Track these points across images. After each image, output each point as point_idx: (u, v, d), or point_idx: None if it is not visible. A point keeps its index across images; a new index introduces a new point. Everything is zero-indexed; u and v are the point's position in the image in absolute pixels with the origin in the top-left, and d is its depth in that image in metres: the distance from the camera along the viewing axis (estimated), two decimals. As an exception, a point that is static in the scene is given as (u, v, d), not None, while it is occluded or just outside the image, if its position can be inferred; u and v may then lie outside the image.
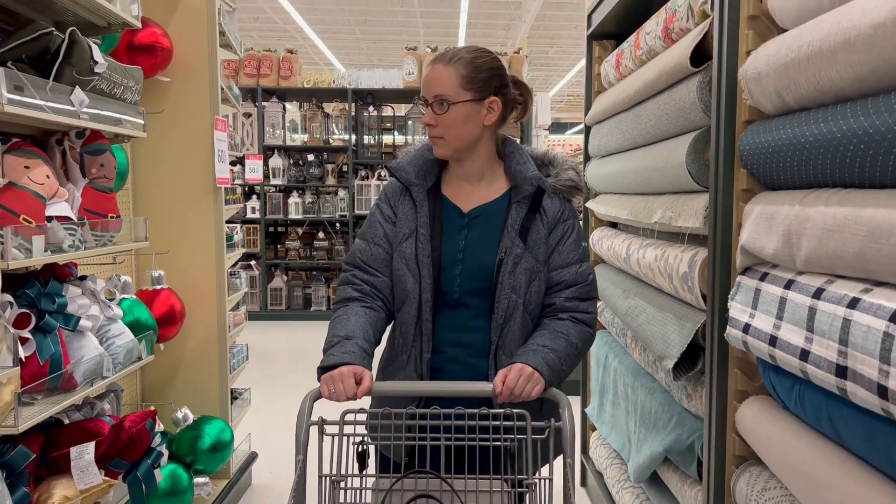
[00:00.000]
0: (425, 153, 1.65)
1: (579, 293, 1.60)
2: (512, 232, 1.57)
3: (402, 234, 1.61)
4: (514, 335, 1.57)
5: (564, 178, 1.63)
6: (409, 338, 1.60)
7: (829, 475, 1.20)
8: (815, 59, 1.20)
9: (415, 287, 1.57)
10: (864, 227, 1.09)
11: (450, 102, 1.53)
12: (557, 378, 1.49)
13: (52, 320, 1.72)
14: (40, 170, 1.70)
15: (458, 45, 1.55)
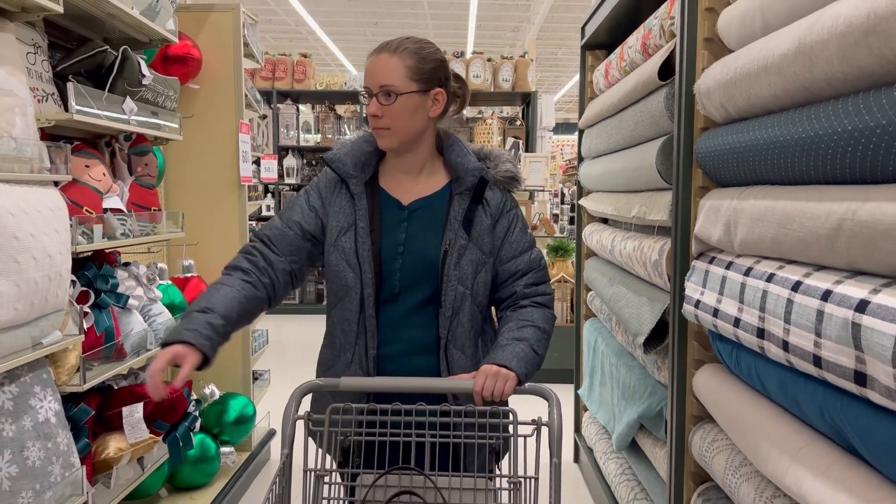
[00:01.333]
0: (363, 145, 1.61)
1: (535, 278, 1.62)
2: (455, 224, 1.55)
3: (339, 228, 1.56)
4: (464, 327, 1.56)
5: (503, 170, 1.63)
6: (352, 335, 1.56)
7: (754, 419, 1.46)
8: (746, 79, 1.46)
9: (356, 282, 1.53)
10: (777, 216, 1.35)
11: (397, 93, 1.49)
12: (532, 367, 1.48)
13: (107, 298, 2.00)
14: (98, 168, 1.98)
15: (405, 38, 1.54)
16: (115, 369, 2.01)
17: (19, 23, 1.78)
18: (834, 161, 1.17)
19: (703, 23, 1.80)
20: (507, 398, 1.41)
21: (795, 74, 1.27)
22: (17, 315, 1.53)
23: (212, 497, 2.79)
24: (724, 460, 1.65)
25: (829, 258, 1.20)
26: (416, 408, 1.35)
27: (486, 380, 1.40)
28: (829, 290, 1.15)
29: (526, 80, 7.21)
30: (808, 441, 1.29)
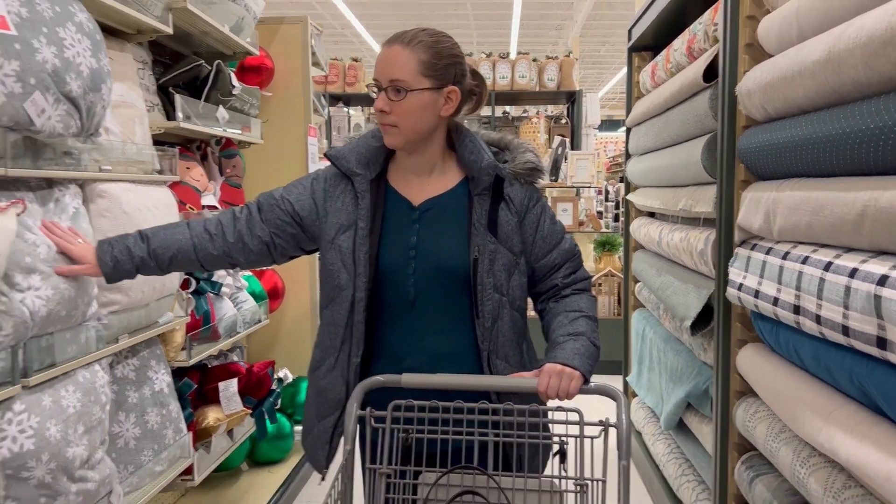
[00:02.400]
0: (370, 141, 1.52)
1: (573, 267, 1.58)
2: (480, 228, 1.46)
3: (338, 226, 1.47)
4: (506, 336, 1.49)
5: (522, 162, 1.52)
6: (337, 340, 1.47)
7: (791, 389, 1.63)
8: (783, 82, 1.63)
9: (349, 284, 1.45)
10: (811, 205, 1.51)
11: (407, 89, 1.39)
12: (594, 361, 1.44)
13: (205, 285, 2.25)
14: (197, 170, 2.24)
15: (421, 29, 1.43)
16: (213, 348, 2.26)
17: (133, 43, 2.03)
18: (860, 155, 1.34)
19: (744, 29, 1.96)
20: (573, 398, 1.37)
21: (826, 79, 1.43)
22: (143, 297, 1.78)
23: (288, 470, 3.04)
24: (765, 428, 1.81)
25: (855, 241, 1.36)
26: (479, 406, 1.32)
27: (550, 379, 1.36)
28: (855, 269, 1.31)
29: (571, 78, 7.35)
30: (839, 404, 1.45)
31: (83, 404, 1.52)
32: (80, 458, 1.48)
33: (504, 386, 1.41)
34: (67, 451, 1.43)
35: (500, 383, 1.41)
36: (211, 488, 2.88)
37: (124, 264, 1.46)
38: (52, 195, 1.50)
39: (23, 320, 1.34)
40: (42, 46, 1.38)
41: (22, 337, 1.35)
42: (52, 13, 1.44)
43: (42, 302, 1.38)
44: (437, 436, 1.33)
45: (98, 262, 1.45)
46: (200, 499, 2.79)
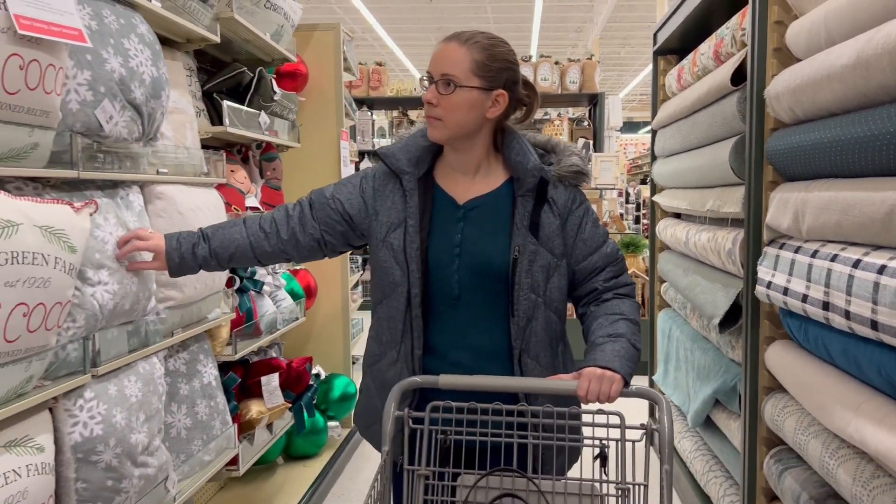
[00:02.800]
0: (418, 139, 1.55)
1: (614, 272, 1.58)
2: (522, 228, 1.49)
3: (389, 224, 1.52)
4: (538, 336, 1.51)
5: (567, 165, 1.55)
6: (398, 333, 1.52)
7: (820, 383, 1.68)
8: (812, 86, 1.68)
9: (403, 280, 1.49)
10: (840, 204, 1.56)
11: (457, 84, 1.42)
12: (634, 364, 1.44)
13: (248, 283, 2.34)
14: (240, 173, 2.33)
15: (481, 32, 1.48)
16: (255, 344, 2.35)
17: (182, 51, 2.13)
18: (888, 156, 1.39)
19: (772, 34, 2.01)
20: (614, 401, 1.36)
21: (855, 83, 1.49)
22: (196, 293, 1.87)
23: (322, 465, 3.13)
24: (794, 422, 1.86)
25: (884, 238, 1.41)
26: (517, 408, 1.32)
27: (590, 383, 1.36)
28: (884, 265, 1.36)
29: (593, 81, 7.40)
30: (867, 397, 1.50)
31: (143, 394, 1.61)
32: (141, 444, 1.57)
33: (543, 388, 1.40)
34: (131, 437, 1.52)
35: (539, 385, 1.40)
36: (249, 481, 2.97)
37: (188, 262, 1.54)
38: (117, 194, 1.59)
39: (93, 313, 1.43)
40: (110, 57, 1.47)
41: (92, 329, 1.45)
42: (118, 25, 1.53)
43: (110, 296, 1.47)
44: (475, 437, 1.33)
45: (166, 259, 1.53)
46: (239, 491, 2.89)
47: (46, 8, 1.21)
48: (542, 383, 1.40)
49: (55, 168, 1.36)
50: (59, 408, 1.40)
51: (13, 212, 1.16)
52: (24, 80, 1.19)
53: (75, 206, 1.32)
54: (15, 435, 1.26)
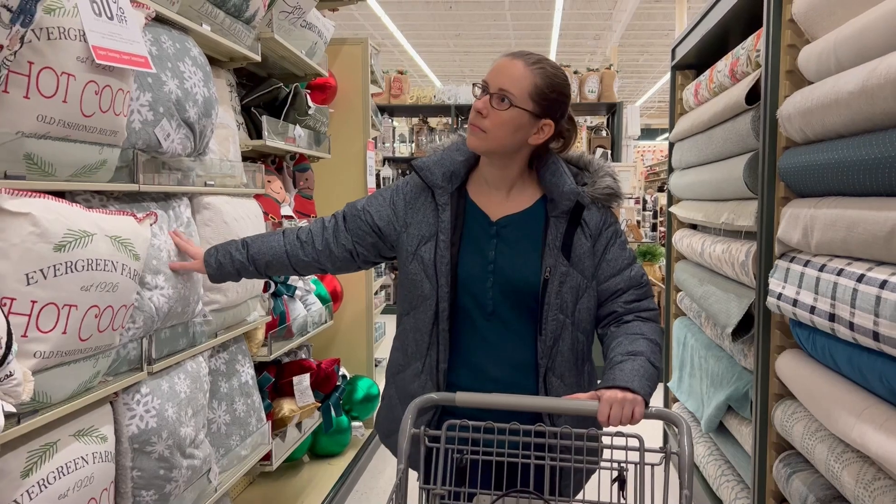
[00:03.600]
0: (454, 154, 1.57)
1: (637, 296, 1.57)
2: (554, 249, 1.50)
3: (419, 237, 1.54)
4: (564, 356, 1.52)
5: (602, 186, 1.56)
6: (424, 346, 1.53)
7: (827, 390, 1.77)
8: (821, 109, 1.78)
9: (432, 294, 1.51)
10: (846, 222, 1.66)
11: (512, 103, 1.44)
12: (653, 383, 1.43)
13: (281, 288, 2.47)
14: (276, 183, 2.46)
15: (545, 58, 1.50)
16: (288, 346, 2.47)
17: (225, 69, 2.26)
18: (891, 178, 1.49)
19: (784, 57, 2.11)
20: (638, 423, 1.36)
21: (860, 108, 1.59)
22: (237, 297, 1.99)
23: (346, 463, 3.25)
24: (802, 428, 1.95)
25: (886, 255, 1.51)
26: (535, 428, 1.31)
27: (611, 408, 1.34)
28: (885, 280, 1.46)
29: (611, 90, 7.49)
30: (870, 403, 1.59)
31: (191, 391, 1.73)
32: (189, 437, 1.69)
33: (562, 408, 1.39)
34: (181, 430, 1.65)
35: (558, 405, 1.39)
36: (277, 478, 3.10)
37: (226, 266, 1.62)
38: (170, 205, 1.72)
39: (150, 315, 1.55)
40: (168, 79, 1.60)
41: (149, 330, 1.57)
42: (174, 49, 1.66)
43: (164, 300, 1.60)
44: (492, 457, 1.32)
45: (204, 264, 1.64)
46: (269, 487, 3.01)
47: (118, 38, 1.34)
48: (562, 403, 1.39)
49: (119, 182, 1.49)
50: (119, 402, 1.52)
51: (88, 223, 1.28)
52: (98, 104, 1.32)
53: (138, 218, 1.45)
54: (83, 425, 1.39)
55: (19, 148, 1.18)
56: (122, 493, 1.52)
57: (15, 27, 1.06)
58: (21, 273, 1.16)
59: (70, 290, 1.23)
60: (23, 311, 1.17)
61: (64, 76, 1.23)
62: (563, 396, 1.44)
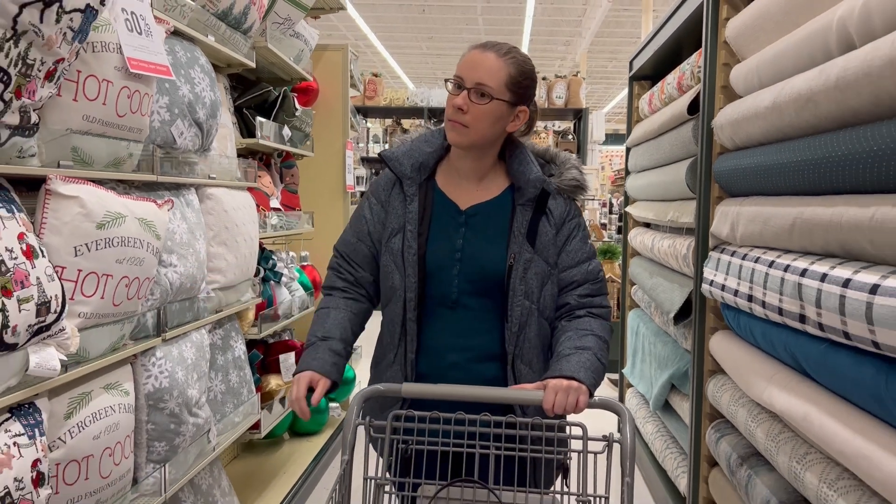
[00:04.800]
0: (422, 145, 1.58)
1: (591, 290, 1.59)
2: (519, 236, 1.52)
3: (391, 229, 1.55)
4: (531, 342, 1.54)
5: (568, 178, 1.59)
6: (395, 337, 1.55)
7: (746, 361, 2.07)
8: (745, 120, 2.07)
9: (401, 285, 1.52)
10: (762, 217, 1.95)
11: (492, 96, 1.46)
12: (598, 376, 1.45)
13: (269, 274, 2.70)
14: (266, 178, 2.69)
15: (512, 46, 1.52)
16: (274, 327, 2.71)
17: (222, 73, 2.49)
18: (794, 180, 1.78)
19: (720, 74, 2.41)
20: (581, 412, 1.38)
21: (773, 121, 1.88)
22: (234, 278, 2.23)
23: (323, 441, 3.49)
24: (728, 396, 2.25)
25: (789, 244, 1.80)
26: (481, 418, 1.32)
27: (556, 395, 1.36)
28: (788, 265, 1.75)
29: (578, 97, 7.82)
30: (778, 370, 1.89)
31: (196, 358, 1.97)
32: (194, 398, 1.92)
33: (507, 398, 1.40)
34: (188, 391, 1.88)
35: (503, 395, 1.39)
36: (259, 453, 3.33)
37: (339, 363, 1.52)
38: (180, 194, 1.95)
39: (165, 289, 1.79)
40: (182, 84, 1.83)
41: (163, 302, 1.81)
42: (186, 58, 1.90)
43: (177, 276, 1.83)
44: (437, 447, 1.33)
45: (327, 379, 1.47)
46: (252, 461, 3.24)
47: (146, 50, 1.58)
48: (507, 393, 1.40)
49: (140, 173, 1.72)
50: (138, 363, 1.75)
51: (121, 207, 1.52)
52: (129, 106, 1.56)
53: (158, 203, 1.69)
54: (110, 380, 1.62)
55: (68, 142, 1.42)
56: (138, 443, 1.76)
57: (75, 43, 1.29)
58: (70, 246, 1.39)
59: (107, 262, 1.47)
60: (71, 277, 1.40)
61: (104, 82, 1.47)
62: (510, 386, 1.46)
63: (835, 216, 1.54)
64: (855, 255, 1.51)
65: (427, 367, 1.55)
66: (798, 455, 1.72)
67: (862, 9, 1.46)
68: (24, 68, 1.18)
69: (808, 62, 1.74)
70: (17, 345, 1.23)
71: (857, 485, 1.48)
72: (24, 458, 1.24)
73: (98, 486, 1.54)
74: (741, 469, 2.10)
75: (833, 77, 1.53)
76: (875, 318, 1.30)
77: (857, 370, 1.46)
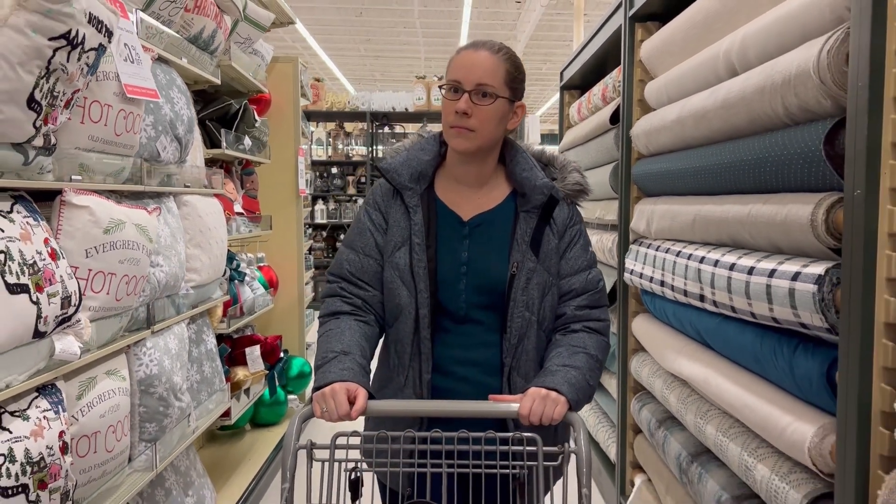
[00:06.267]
0: (419, 154, 1.51)
1: (590, 301, 1.52)
2: (522, 244, 1.46)
3: (393, 243, 1.48)
4: (529, 355, 1.48)
5: (571, 182, 1.54)
6: (406, 357, 1.46)
7: (661, 338, 2.41)
8: (656, 131, 2.41)
9: (410, 301, 1.45)
10: (670, 214, 2.29)
11: (496, 95, 1.41)
12: (584, 395, 1.39)
13: (234, 273, 2.92)
14: (230, 185, 2.91)
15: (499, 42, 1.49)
16: (240, 322, 2.93)
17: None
18: (694, 182, 2.12)
19: (636, 89, 2.75)
20: (556, 423, 1.32)
21: (676, 132, 2.22)
22: (208, 277, 2.45)
23: (282, 431, 3.71)
24: (647, 370, 2.59)
25: (692, 237, 2.15)
26: (431, 435, 1.26)
27: (533, 403, 1.30)
28: (690, 254, 2.09)
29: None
30: (686, 343, 2.23)
31: (178, 349, 2.19)
32: (178, 385, 2.15)
33: (481, 412, 1.34)
34: (174, 378, 2.10)
35: (477, 409, 1.34)
36: (223, 443, 3.53)
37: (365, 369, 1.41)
38: (161, 202, 2.17)
39: (154, 286, 2.01)
40: (164, 104, 2.06)
41: (152, 298, 2.02)
42: (165, 80, 2.12)
43: (164, 275, 2.05)
44: (385, 469, 1.28)
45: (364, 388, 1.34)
46: (217, 450, 3.44)
47: (138, 77, 1.80)
48: (480, 406, 1.35)
49: (129, 184, 1.94)
50: (131, 352, 1.97)
51: (122, 214, 1.74)
52: (125, 126, 1.78)
53: (149, 210, 1.91)
54: (110, 367, 1.84)
55: (76, 159, 1.63)
56: (132, 424, 1.97)
57: (88, 76, 1.52)
58: (82, 249, 1.61)
59: (112, 262, 1.69)
60: (83, 276, 1.62)
61: (105, 106, 1.69)
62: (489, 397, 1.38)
63: (724, 213, 1.88)
64: (740, 244, 1.85)
65: (443, 383, 1.47)
66: (701, 412, 2.06)
67: (741, 43, 1.81)
68: (51, 99, 1.40)
69: (703, 84, 2.09)
70: (46, 333, 1.45)
71: (743, 430, 1.82)
72: (52, 430, 1.46)
73: (104, 459, 1.76)
74: (659, 431, 2.44)
75: (720, 98, 1.87)
76: (751, 294, 1.64)
77: (741, 337, 1.80)
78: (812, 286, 1.39)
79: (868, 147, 1.20)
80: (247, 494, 3.04)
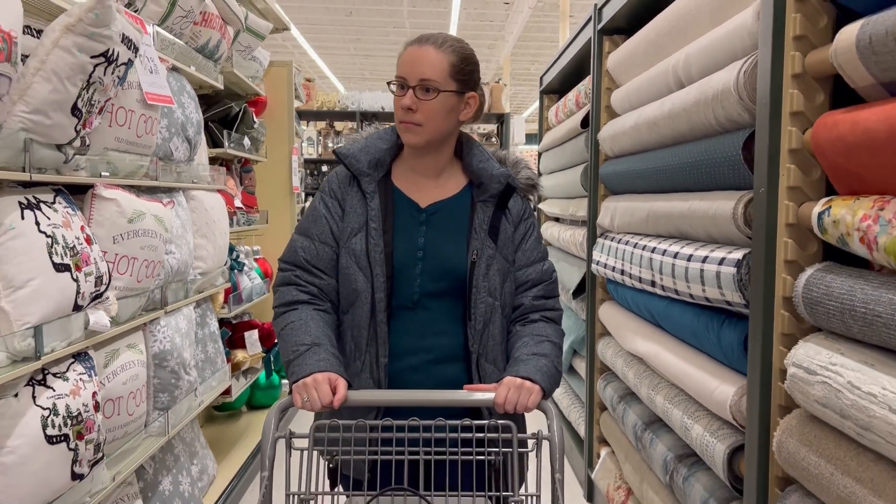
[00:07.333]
0: (377, 142, 1.54)
1: (545, 291, 1.58)
2: (481, 233, 1.50)
3: (350, 229, 1.50)
4: (495, 340, 1.51)
5: (524, 177, 1.59)
6: (363, 342, 1.48)
7: (621, 321, 2.68)
8: (619, 135, 2.68)
9: (366, 286, 1.46)
10: (630, 210, 2.56)
11: (438, 89, 1.44)
12: (554, 382, 1.44)
13: (234, 263, 3.16)
14: (231, 182, 3.15)
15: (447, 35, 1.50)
16: (240, 308, 3.18)
17: (193, 93, 2.94)
18: (647, 182, 2.39)
19: (604, 96, 3.02)
20: (531, 411, 1.37)
21: (635, 137, 2.49)
22: (212, 265, 2.69)
23: (278, 411, 3.96)
24: (611, 351, 2.86)
25: (646, 230, 2.41)
26: (408, 423, 1.28)
27: (508, 392, 1.34)
28: (645, 245, 2.36)
29: (500, 102, 8.45)
30: (642, 325, 2.50)
31: (187, 328, 2.43)
32: (187, 360, 2.39)
33: (456, 401, 1.37)
34: (184, 353, 2.35)
35: (453, 398, 1.37)
36: (221, 423, 3.77)
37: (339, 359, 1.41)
38: (173, 196, 2.41)
39: (168, 271, 2.25)
40: (176, 109, 2.30)
41: (166, 281, 2.27)
42: (177, 87, 2.36)
43: (176, 261, 2.30)
44: (363, 457, 1.30)
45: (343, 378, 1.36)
46: (215, 430, 3.69)
47: (156, 85, 2.04)
48: (455, 396, 1.38)
49: (145, 180, 2.18)
50: (147, 330, 2.21)
51: (142, 206, 1.99)
52: (145, 129, 2.03)
53: (164, 203, 2.16)
54: (130, 341, 2.08)
55: (105, 158, 1.88)
56: (147, 394, 2.22)
57: (118, 86, 1.76)
58: (110, 236, 1.86)
59: (134, 248, 1.94)
60: (110, 259, 1.87)
61: (129, 112, 1.94)
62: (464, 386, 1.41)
63: (671, 208, 2.15)
64: (684, 235, 2.12)
65: (401, 371, 1.49)
66: (653, 385, 2.33)
67: (685, 60, 2.08)
68: (89, 107, 1.65)
69: (657, 94, 2.35)
70: (83, 307, 1.70)
71: (686, 398, 2.09)
72: (87, 390, 1.71)
73: (125, 422, 2.01)
74: (619, 405, 2.71)
75: (667, 108, 2.13)
76: (689, 278, 1.91)
77: (683, 316, 2.07)
78: (733, 269, 1.66)
79: (769, 152, 1.47)
80: (243, 470, 3.29)
